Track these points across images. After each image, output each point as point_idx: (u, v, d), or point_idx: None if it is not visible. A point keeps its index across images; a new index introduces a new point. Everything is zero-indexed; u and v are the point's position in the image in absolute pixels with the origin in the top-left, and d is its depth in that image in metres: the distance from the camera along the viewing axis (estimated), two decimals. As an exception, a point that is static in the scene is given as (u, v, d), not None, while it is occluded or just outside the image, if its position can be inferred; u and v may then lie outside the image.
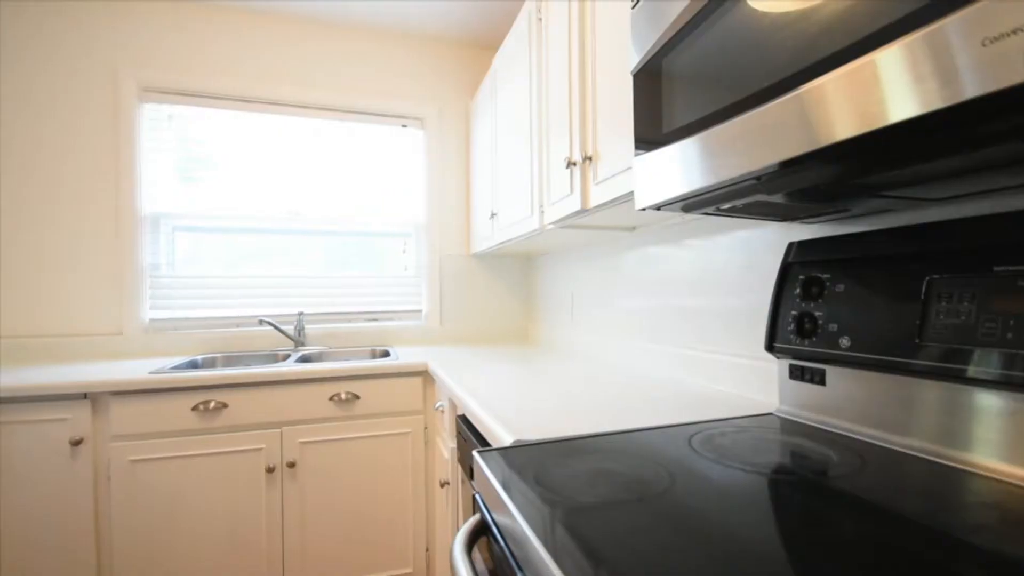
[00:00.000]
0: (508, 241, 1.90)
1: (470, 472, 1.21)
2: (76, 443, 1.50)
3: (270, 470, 1.68)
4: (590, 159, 1.19)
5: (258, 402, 1.68)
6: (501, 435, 0.89)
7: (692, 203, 0.78)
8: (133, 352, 2.07)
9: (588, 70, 1.23)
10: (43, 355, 1.97)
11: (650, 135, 0.82)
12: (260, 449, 1.68)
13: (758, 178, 0.62)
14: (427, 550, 1.88)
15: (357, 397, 1.79)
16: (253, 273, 2.27)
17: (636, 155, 0.85)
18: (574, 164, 1.26)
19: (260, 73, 2.27)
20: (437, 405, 1.70)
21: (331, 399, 1.76)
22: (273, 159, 2.30)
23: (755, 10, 0.61)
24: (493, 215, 2.03)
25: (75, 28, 2.04)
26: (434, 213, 2.52)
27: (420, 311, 2.51)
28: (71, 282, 2.02)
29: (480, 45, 2.58)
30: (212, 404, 1.63)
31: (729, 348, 1.21)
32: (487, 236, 2.18)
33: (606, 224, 1.50)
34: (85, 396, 1.53)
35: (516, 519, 0.54)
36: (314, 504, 1.74)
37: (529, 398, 1.16)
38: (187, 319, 2.17)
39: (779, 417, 0.94)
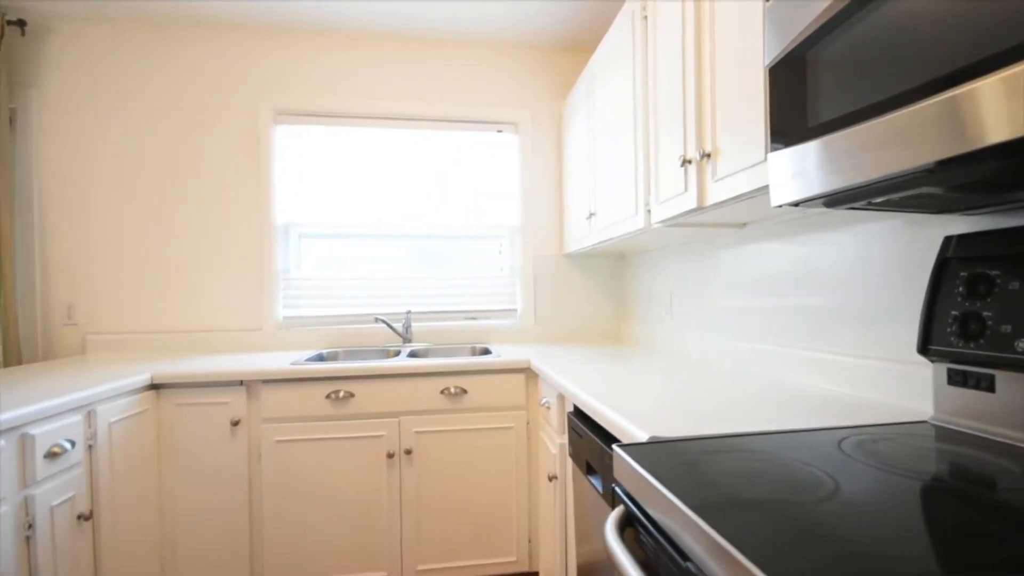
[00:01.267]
0: (607, 241, 1.90)
1: (586, 467, 1.24)
2: (235, 423, 1.74)
3: (390, 456, 1.83)
4: (708, 156, 1.17)
5: (379, 393, 1.83)
6: (633, 432, 0.91)
7: (844, 197, 0.75)
8: (270, 345, 2.34)
9: (705, 67, 1.21)
10: (203, 347, 2.29)
11: (790, 129, 0.80)
12: (381, 436, 1.83)
13: (931, 170, 0.60)
14: (529, 541, 1.94)
15: (465, 391, 1.89)
16: (366, 275, 2.48)
17: (773, 150, 0.84)
18: (689, 162, 1.24)
19: (368, 91, 2.46)
20: (543, 401, 1.75)
21: (442, 392, 1.88)
22: (382, 169, 2.49)
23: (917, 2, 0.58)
24: (591, 215, 2.05)
25: (225, 66, 2.35)
26: (528, 215, 2.58)
27: (515, 310, 2.59)
28: (222, 285, 2.33)
29: (571, 48, 2.61)
30: (342, 393, 1.81)
31: (858, 349, 1.13)
32: (583, 236, 2.20)
33: (716, 222, 1.47)
34: (241, 383, 1.76)
35: (684, 512, 0.56)
36: (428, 489, 1.86)
37: (645, 397, 1.17)
38: (312, 317, 2.41)
39: (935, 425, 0.87)
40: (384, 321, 2.30)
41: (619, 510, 0.74)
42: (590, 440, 1.20)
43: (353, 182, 2.47)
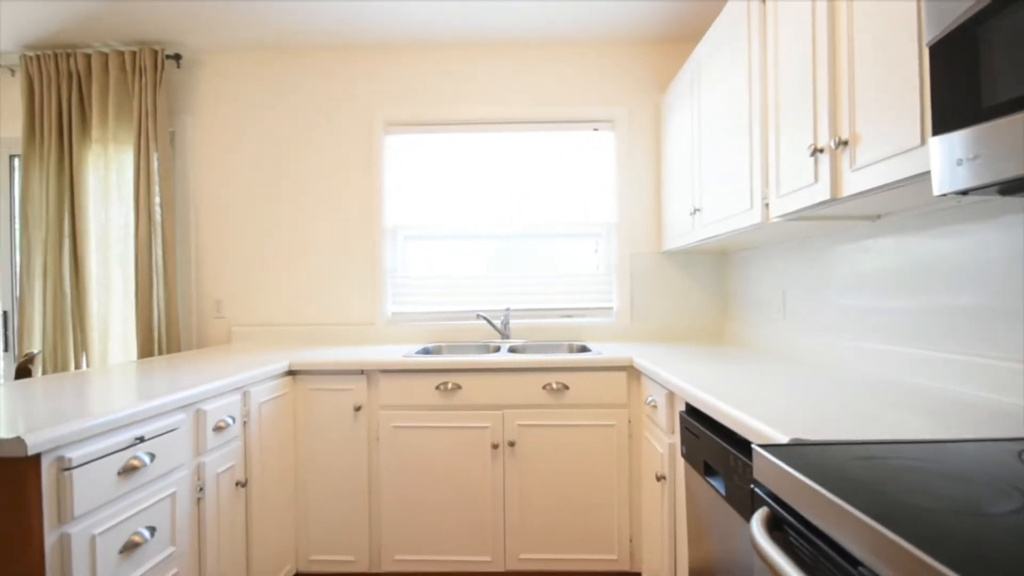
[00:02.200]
0: (715, 237, 1.83)
1: (704, 468, 1.21)
2: (357, 409, 1.91)
3: (494, 447, 1.90)
4: (845, 143, 1.10)
5: (485, 386, 1.92)
6: (769, 433, 0.88)
7: (1033, 185, 0.67)
8: (380, 338, 2.53)
9: (840, 48, 1.13)
10: (326, 339, 2.54)
11: (960, 112, 0.73)
12: (486, 428, 1.91)
13: None
14: (631, 541, 1.92)
15: (566, 387, 1.92)
16: (466, 274, 2.59)
17: (937, 134, 0.77)
18: (820, 151, 1.17)
19: (468, 98, 2.57)
20: (648, 399, 1.73)
21: (544, 388, 1.92)
22: (481, 172, 2.59)
23: None
24: (695, 211, 1.98)
25: (342, 84, 2.58)
26: (624, 212, 2.55)
27: (611, 308, 2.57)
28: (341, 283, 2.56)
29: (668, 40, 2.53)
30: (450, 385, 1.91)
31: (1039, 356, 1.00)
32: (685, 233, 2.13)
33: (846, 214, 1.36)
34: (362, 372, 1.93)
35: (862, 519, 0.54)
36: (530, 481, 1.91)
37: (770, 398, 1.12)
38: (417, 313, 2.57)
39: None
40: (485, 318, 2.39)
41: (763, 512, 0.72)
42: (709, 441, 1.17)
43: (454, 185, 2.59)
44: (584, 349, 2.31)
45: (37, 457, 0.94)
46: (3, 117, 2.61)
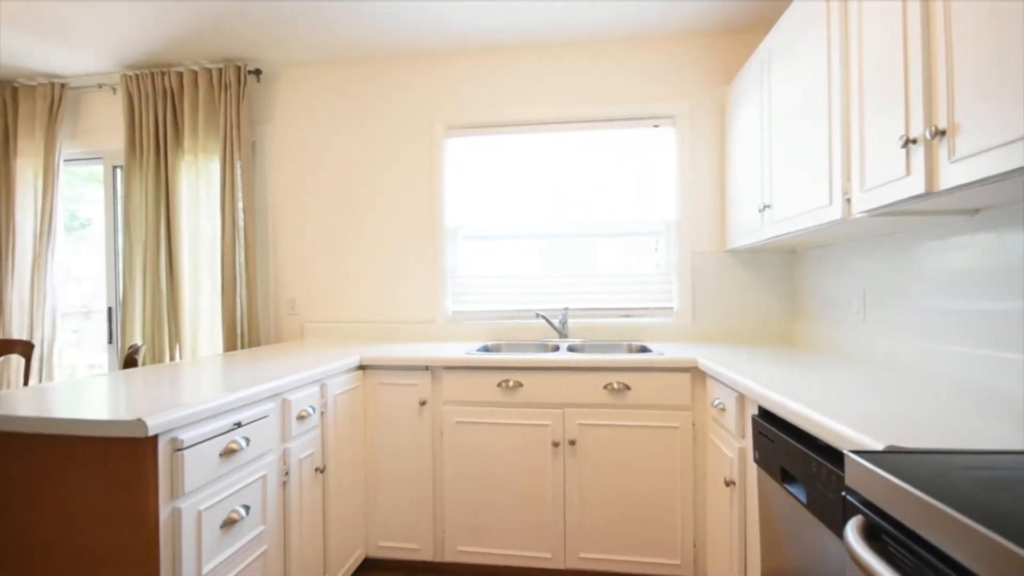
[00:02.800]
0: (787, 235, 1.75)
1: (781, 474, 1.17)
2: (422, 403, 1.98)
3: (555, 445, 1.92)
4: (942, 133, 1.02)
5: (545, 384, 1.93)
6: (859, 440, 0.84)
7: None
8: (440, 336, 2.60)
9: (936, 34, 1.06)
10: (390, 336, 2.65)
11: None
12: (547, 426, 1.93)
13: None
14: (695, 546, 1.88)
15: (628, 388, 1.90)
16: (524, 273, 2.62)
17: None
18: (913, 142, 1.10)
19: (526, 99, 2.60)
20: (715, 402, 1.69)
21: (605, 387, 1.91)
22: (538, 171, 2.61)
23: None
24: (764, 208, 1.91)
25: (405, 91, 2.68)
26: (685, 210, 2.49)
27: (671, 308, 2.52)
28: (404, 282, 2.66)
29: (733, 31, 2.44)
30: (511, 382, 1.94)
31: None
32: (753, 230, 2.05)
33: (941, 209, 1.27)
34: (427, 368, 2.00)
35: (975, 529, 0.51)
36: (590, 481, 1.91)
37: (852, 403, 1.07)
38: (475, 311, 2.63)
39: None
40: (544, 317, 2.41)
41: (859, 521, 0.69)
42: (787, 446, 1.13)
43: (512, 185, 2.62)
44: (644, 349, 2.28)
45: (155, 438, 1.05)
46: (107, 131, 2.90)
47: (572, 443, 1.92)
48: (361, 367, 2.03)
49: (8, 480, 1.09)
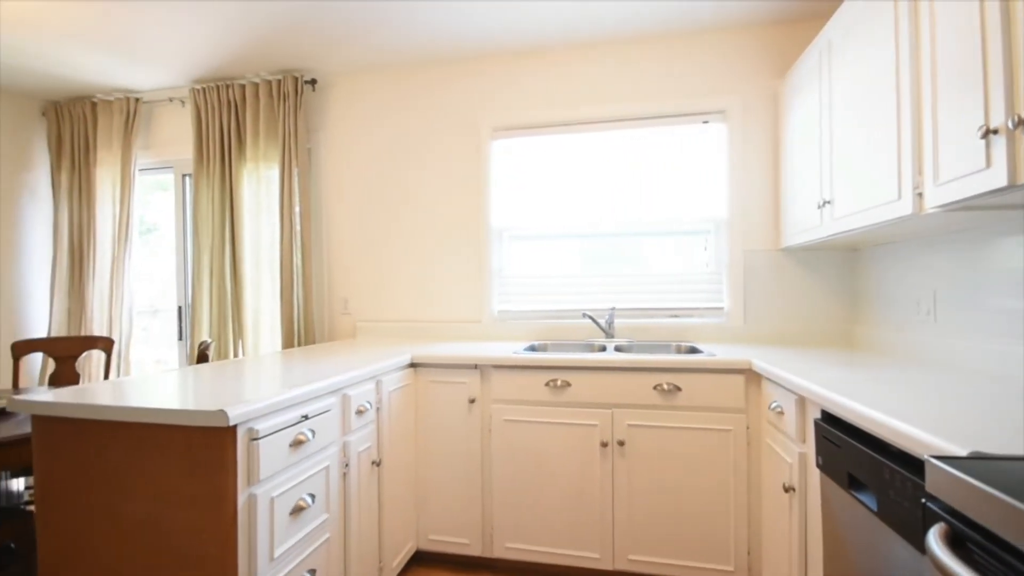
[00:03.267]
0: (850, 231, 1.68)
1: (848, 480, 1.13)
2: (471, 401, 2.02)
3: (603, 445, 1.91)
4: (1028, 123, 0.96)
5: (594, 384, 1.93)
6: (939, 445, 0.81)
7: None
8: (486, 335, 2.64)
9: (1016, 15, 0.99)
10: (438, 335, 2.71)
11: None
12: (595, 426, 1.93)
13: None
14: (749, 553, 1.83)
15: (679, 389, 1.87)
16: (569, 273, 2.62)
17: None
18: (994, 132, 1.04)
19: (571, 99, 2.60)
20: (772, 405, 1.64)
21: (655, 388, 1.89)
22: (584, 171, 2.60)
23: None
24: (824, 204, 1.83)
25: (452, 95, 2.74)
26: (736, 207, 2.42)
27: (721, 308, 2.46)
28: (451, 282, 2.72)
29: (788, 20, 2.36)
30: (559, 382, 1.95)
31: None
32: (811, 227, 1.98)
33: (1022, 202, 1.19)
34: (476, 367, 2.04)
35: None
36: (640, 482, 1.90)
37: (926, 408, 1.02)
38: (521, 311, 2.65)
39: None
40: (590, 317, 2.41)
41: (941, 528, 0.67)
42: (855, 451, 1.09)
43: (558, 185, 2.63)
44: (693, 350, 2.24)
45: (234, 428, 1.13)
46: (177, 142, 3.11)
47: (621, 444, 1.91)
48: (412, 365, 2.09)
49: (107, 463, 1.19)
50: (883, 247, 2.07)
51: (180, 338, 3.12)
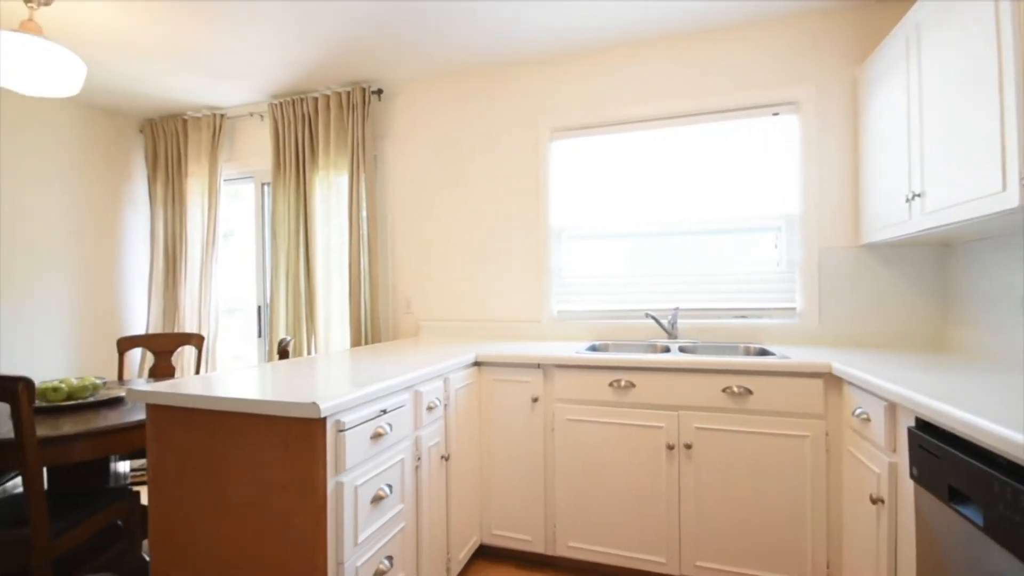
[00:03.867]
0: (945, 226, 1.56)
1: (948, 493, 1.06)
2: (534, 400, 2.05)
3: (670, 447, 1.88)
4: None
5: (659, 385, 1.91)
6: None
7: None
8: (546, 335, 2.66)
9: None
10: (498, 334, 2.76)
11: None
12: (661, 428, 1.90)
13: None
14: (828, 567, 1.74)
15: (750, 392, 1.81)
16: (629, 273, 2.59)
17: None
18: None
19: (632, 97, 2.57)
20: (856, 411, 1.55)
21: (723, 391, 1.84)
22: (647, 169, 2.56)
23: None
24: (914, 196, 1.71)
25: (512, 97, 2.79)
26: (810, 202, 2.31)
27: (793, 308, 2.35)
28: (511, 283, 2.76)
29: (860, 5, 2.21)
30: (623, 382, 1.94)
31: None
32: (899, 222, 1.85)
33: None
34: (538, 366, 2.06)
35: None
36: (708, 487, 1.85)
37: (1052, 419, 0.93)
38: (580, 311, 2.65)
39: None
40: (653, 317, 2.37)
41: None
42: (957, 462, 1.02)
43: (616, 184, 2.61)
44: (763, 352, 2.15)
45: (324, 419, 1.21)
46: (255, 154, 3.34)
47: (688, 447, 1.87)
48: (476, 363, 2.15)
49: (211, 450, 1.32)
50: (980, 242, 1.91)
51: (259, 335, 3.36)
